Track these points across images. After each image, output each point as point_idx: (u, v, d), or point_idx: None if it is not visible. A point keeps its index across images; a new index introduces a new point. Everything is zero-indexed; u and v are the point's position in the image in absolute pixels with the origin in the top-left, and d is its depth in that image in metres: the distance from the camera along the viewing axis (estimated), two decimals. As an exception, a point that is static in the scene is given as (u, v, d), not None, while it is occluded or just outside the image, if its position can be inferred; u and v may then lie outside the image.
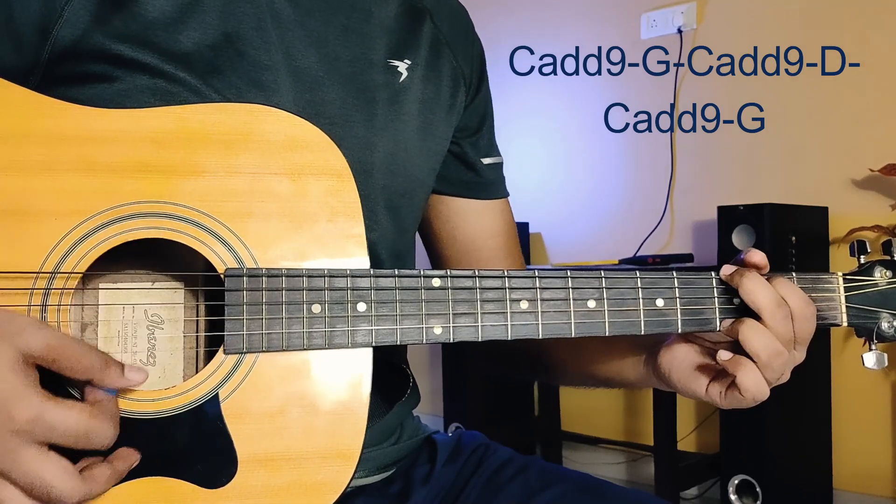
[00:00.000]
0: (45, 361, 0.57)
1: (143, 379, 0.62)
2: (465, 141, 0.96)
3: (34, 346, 0.56)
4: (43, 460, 0.55)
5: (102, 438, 0.58)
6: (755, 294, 0.71)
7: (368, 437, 0.70)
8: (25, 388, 0.55)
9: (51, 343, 0.57)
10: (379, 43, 0.85)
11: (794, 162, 2.62)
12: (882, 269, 0.78)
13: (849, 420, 2.47)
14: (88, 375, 0.59)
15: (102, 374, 0.59)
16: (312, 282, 0.67)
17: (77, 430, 0.56)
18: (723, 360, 0.73)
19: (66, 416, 0.56)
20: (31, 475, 0.55)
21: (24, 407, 0.55)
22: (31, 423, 0.55)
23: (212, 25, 0.75)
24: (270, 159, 0.68)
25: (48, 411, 0.55)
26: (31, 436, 0.55)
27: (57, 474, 0.56)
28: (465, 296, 0.70)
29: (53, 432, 0.56)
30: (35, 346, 0.56)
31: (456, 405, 3.03)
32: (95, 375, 0.59)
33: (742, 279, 0.72)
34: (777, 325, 0.71)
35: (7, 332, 0.56)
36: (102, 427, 0.58)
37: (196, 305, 0.72)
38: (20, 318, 0.58)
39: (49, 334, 0.57)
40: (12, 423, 0.54)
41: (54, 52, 0.70)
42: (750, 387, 0.71)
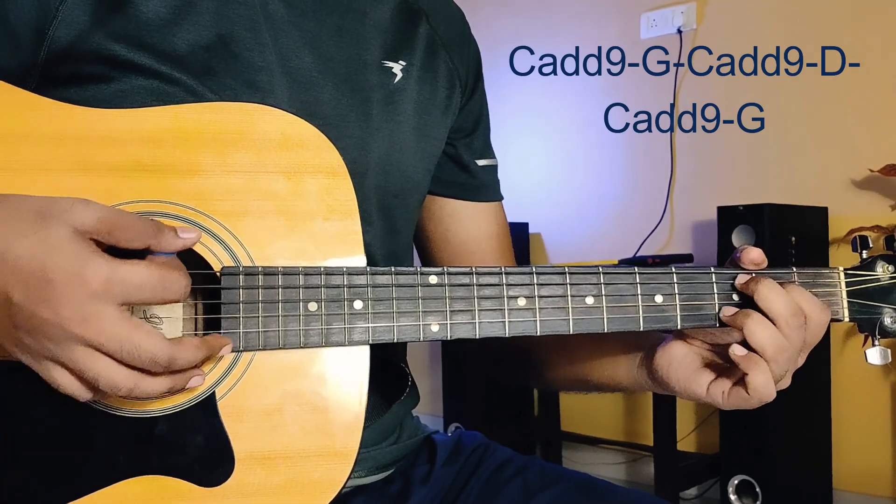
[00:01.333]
0: (100, 234, 0.57)
1: (196, 237, 0.62)
2: (459, 142, 0.96)
3: (87, 221, 0.56)
4: (127, 321, 0.56)
5: (177, 287, 0.58)
6: (771, 301, 0.70)
7: (367, 437, 0.70)
8: (91, 253, 0.55)
9: (102, 216, 0.57)
10: (373, 44, 0.85)
11: (794, 162, 2.62)
12: (884, 264, 0.77)
13: (849, 420, 2.46)
14: (145, 241, 0.59)
15: (158, 238, 0.60)
16: (309, 279, 0.67)
17: (152, 282, 0.56)
18: (737, 355, 0.71)
19: (138, 270, 0.56)
20: (118, 336, 0.55)
21: (94, 270, 0.55)
22: (106, 283, 0.55)
23: (206, 27, 0.75)
24: (266, 158, 0.68)
25: (119, 269, 0.55)
26: (110, 296, 0.55)
27: (145, 333, 0.56)
28: (463, 293, 0.69)
29: (129, 287, 0.56)
30: (88, 220, 0.56)
31: (456, 405, 3.03)
32: (152, 240, 0.59)
33: (758, 286, 0.71)
34: (792, 333, 0.70)
35: (57, 212, 0.56)
36: (174, 276, 0.58)
37: (194, 304, 0.72)
38: (66, 199, 0.57)
39: (98, 207, 0.58)
40: (88, 287, 0.54)
41: (51, 53, 0.70)
42: (759, 386, 0.70)
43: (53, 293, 0.54)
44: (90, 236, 0.57)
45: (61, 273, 0.54)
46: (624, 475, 2.99)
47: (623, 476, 2.99)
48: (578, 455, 3.08)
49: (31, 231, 0.55)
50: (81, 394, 0.58)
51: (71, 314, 0.55)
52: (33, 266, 0.54)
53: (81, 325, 0.55)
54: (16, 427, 0.63)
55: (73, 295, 0.54)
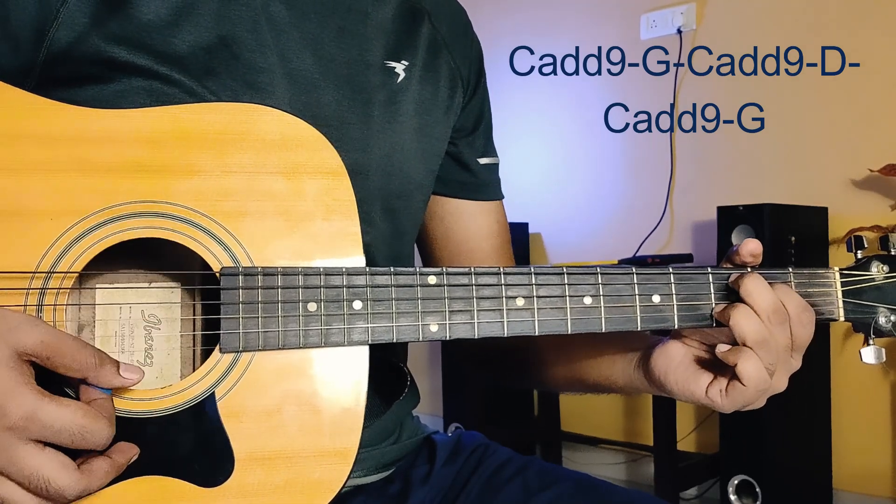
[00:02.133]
0: (40, 359, 0.57)
1: (138, 378, 0.62)
2: (461, 141, 0.96)
3: (29, 343, 0.56)
4: (39, 456, 0.56)
5: (98, 437, 0.58)
6: (754, 295, 0.71)
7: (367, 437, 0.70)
8: (20, 384, 0.55)
9: (45, 340, 0.57)
10: (376, 44, 0.85)
11: (793, 162, 2.62)
12: (879, 264, 0.78)
13: (849, 420, 2.46)
14: (84, 373, 0.59)
15: (98, 372, 0.59)
16: (308, 280, 0.67)
17: (72, 429, 0.56)
18: (721, 351, 0.72)
19: (60, 413, 0.56)
20: (28, 470, 0.55)
21: (18, 403, 0.55)
22: (25, 419, 0.55)
23: (206, 28, 0.75)
24: (265, 158, 0.68)
25: (43, 408, 0.55)
26: (27, 432, 0.55)
27: (54, 468, 0.56)
28: (462, 293, 0.69)
29: (48, 430, 0.56)
30: (30, 342, 0.56)
31: (455, 405, 3.03)
32: (90, 373, 0.59)
33: (742, 280, 0.72)
34: (774, 329, 0.71)
35: (1, 329, 0.56)
36: (98, 426, 0.58)
37: (193, 305, 0.72)
38: (15, 316, 0.58)
39: (44, 331, 0.57)
40: (7, 419, 0.54)
41: (50, 54, 0.70)
42: (751, 373, 0.70)
43: None
44: (28, 358, 0.57)
45: None
46: (624, 475, 2.99)
47: (623, 476, 2.99)
48: (578, 455, 3.08)
49: None
50: None
51: None
52: None
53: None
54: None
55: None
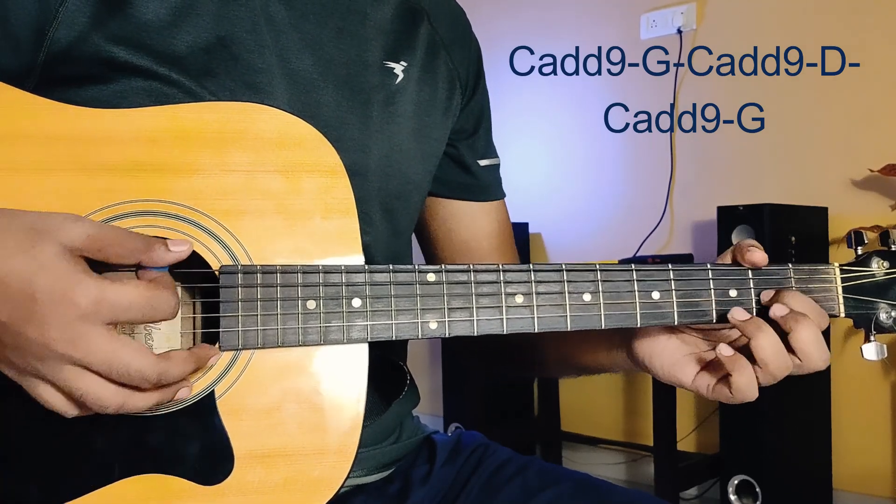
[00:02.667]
0: (91, 252, 0.57)
1: (187, 249, 0.62)
2: (461, 143, 0.96)
3: (76, 238, 0.56)
4: (115, 339, 0.56)
5: (166, 307, 0.58)
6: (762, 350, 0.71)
7: (367, 436, 0.70)
8: (81, 273, 0.55)
9: (91, 233, 0.57)
10: (374, 45, 0.85)
11: (794, 162, 2.62)
12: (879, 260, 0.78)
13: (849, 420, 2.46)
14: (136, 258, 0.59)
15: (149, 253, 0.59)
16: (307, 278, 0.67)
17: (140, 302, 0.57)
18: (724, 355, 0.71)
19: (126, 290, 0.56)
20: (107, 355, 0.55)
21: (84, 290, 0.55)
22: (95, 304, 0.55)
23: (206, 28, 0.75)
24: (264, 157, 0.68)
25: (108, 290, 0.56)
26: (99, 317, 0.55)
27: (133, 351, 0.56)
28: (461, 290, 0.69)
29: (119, 309, 0.56)
30: (77, 237, 0.56)
31: (456, 405, 3.03)
32: (142, 256, 0.59)
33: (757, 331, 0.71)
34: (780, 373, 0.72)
35: (47, 229, 0.56)
36: (163, 296, 0.58)
37: (192, 303, 0.72)
38: (58, 215, 0.57)
39: (88, 224, 0.58)
40: (77, 308, 0.54)
41: (50, 54, 0.70)
42: (743, 388, 0.71)
43: (41, 313, 0.54)
44: (80, 253, 0.57)
45: (49, 293, 0.54)
46: (624, 475, 2.99)
47: (623, 476, 2.99)
48: (578, 455, 3.08)
49: (19, 249, 0.55)
50: (68, 410, 0.58)
51: (59, 335, 0.55)
52: (21, 285, 0.54)
53: (69, 345, 0.55)
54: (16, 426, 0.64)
55: (61, 316, 0.54)
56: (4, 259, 0.55)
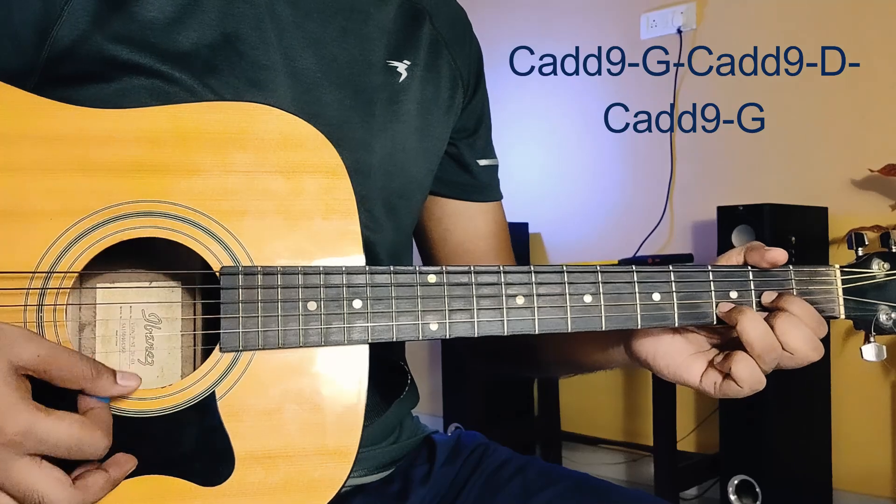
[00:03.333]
0: (37, 372, 0.57)
1: (136, 385, 0.62)
2: (461, 142, 0.96)
3: (25, 358, 0.57)
4: (35, 471, 0.56)
5: (94, 449, 0.58)
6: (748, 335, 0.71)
7: (367, 436, 0.70)
8: (16, 400, 0.55)
9: (41, 354, 0.57)
10: (378, 44, 0.85)
11: (794, 162, 2.62)
12: (880, 262, 0.78)
13: (849, 420, 2.46)
14: (80, 384, 0.59)
15: (94, 382, 0.59)
16: (308, 279, 0.67)
17: (69, 442, 0.56)
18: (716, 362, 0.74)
19: (56, 427, 0.56)
20: (23, 486, 0.55)
21: (14, 420, 0.55)
22: (21, 435, 0.55)
23: (211, 25, 0.75)
24: (265, 157, 0.68)
25: (38, 423, 0.55)
26: (23, 448, 0.55)
27: (50, 484, 0.56)
28: (461, 291, 0.69)
29: (44, 444, 0.56)
30: (25, 357, 0.57)
31: (455, 405, 3.03)
32: (87, 384, 0.59)
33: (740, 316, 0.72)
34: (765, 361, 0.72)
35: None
36: (93, 437, 0.58)
37: (193, 304, 0.72)
38: (10, 330, 0.58)
39: (39, 345, 0.58)
40: (3, 435, 0.55)
41: (53, 53, 0.70)
42: (746, 377, 0.71)
43: None
44: (26, 372, 0.57)
45: None
46: (624, 475, 2.99)
47: (623, 476, 2.99)
48: (578, 455, 3.08)
49: None
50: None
51: None
52: None
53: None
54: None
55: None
56: None
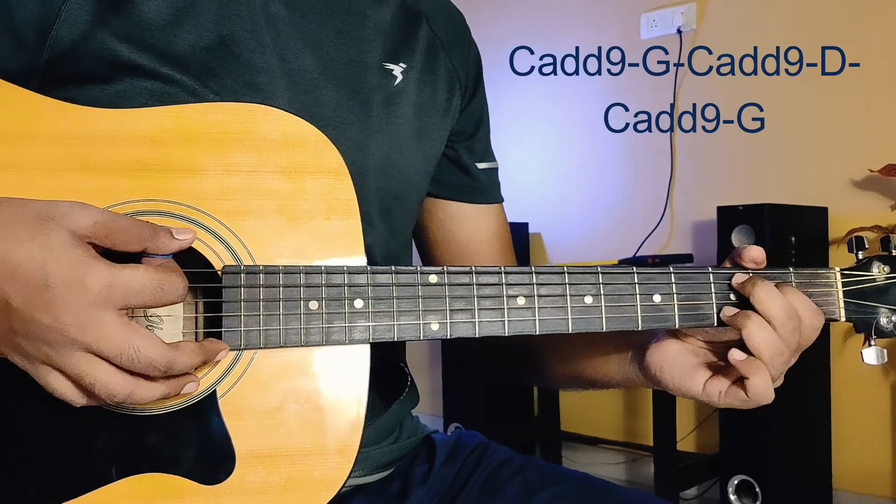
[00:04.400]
0: (98, 238, 0.58)
1: (192, 237, 0.63)
2: (460, 145, 0.96)
3: (84, 225, 0.57)
4: (127, 325, 0.57)
5: (176, 289, 0.59)
6: (767, 303, 0.71)
7: (367, 436, 0.70)
8: (92, 258, 0.56)
9: (98, 220, 0.58)
10: (373, 46, 0.85)
11: (794, 162, 2.62)
12: (880, 265, 0.78)
13: (849, 420, 2.47)
14: (141, 244, 0.60)
15: (155, 240, 0.61)
16: (310, 278, 0.67)
17: (151, 285, 0.57)
18: (736, 359, 0.71)
19: (136, 274, 0.57)
20: (117, 341, 0.56)
21: (96, 275, 0.56)
22: (107, 288, 0.56)
23: (207, 28, 0.75)
24: (267, 158, 0.68)
25: (119, 274, 0.56)
26: (110, 301, 0.56)
27: (143, 337, 0.57)
28: (462, 292, 0.70)
29: (130, 292, 0.57)
30: (84, 223, 0.57)
31: (455, 405, 3.03)
32: (148, 243, 0.60)
33: (754, 288, 0.72)
34: (787, 336, 0.71)
35: (55, 216, 0.57)
36: (172, 279, 0.59)
37: (195, 303, 0.72)
38: (63, 203, 0.58)
39: (95, 212, 0.58)
40: (89, 293, 0.55)
41: (53, 53, 0.71)
42: (760, 389, 0.70)
43: (53, 299, 0.55)
44: (87, 240, 0.57)
45: (61, 278, 0.55)
46: (624, 475, 3.00)
47: (623, 476, 2.99)
48: (578, 455, 3.09)
49: (29, 236, 0.55)
50: (76, 399, 0.58)
51: (71, 320, 0.55)
52: (33, 272, 0.55)
53: (81, 330, 0.55)
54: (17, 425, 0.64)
55: (74, 301, 0.55)
56: (15, 246, 0.55)
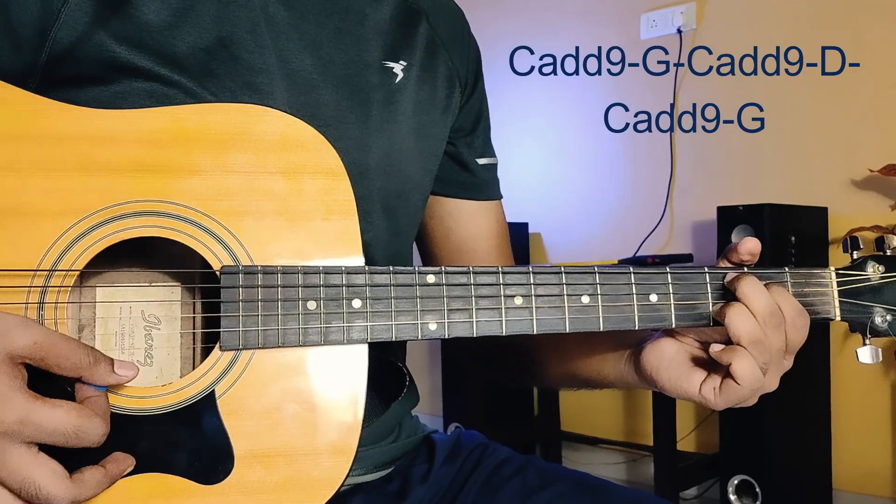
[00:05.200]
0: (34, 360, 0.57)
1: (133, 374, 0.62)
2: (460, 141, 0.96)
3: (20, 346, 0.56)
4: (31, 461, 0.56)
5: (92, 436, 0.58)
6: (751, 298, 0.71)
7: (366, 436, 0.70)
8: (12, 389, 0.55)
9: (38, 341, 0.57)
10: (373, 45, 0.86)
11: (793, 162, 2.62)
12: (874, 264, 0.78)
13: (849, 420, 2.47)
14: (78, 373, 0.59)
15: (92, 370, 0.59)
16: (308, 278, 0.67)
17: (66, 429, 0.56)
18: (715, 351, 0.71)
19: (53, 414, 0.56)
20: (20, 476, 0.55)
21: (10, 407, 0.55)
22: (18, 423, 0.55)
23: (206, 29, 0.75)
24: (266, 158, 0.68)
25: (35, 411, 0.55)
26: (20, 436, 0.55)
27: (46, 475, 0.56)
28: (460, 292, 0.70)
29: (41, 431, 0.56)
30: (21, 344, 0.56)
31: (455, 405, 3.03)
32: (84, 372, 0.59)
33: (740, 283, 0.72)
34: (769, 331, 0.71)
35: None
36: (91, 424, 0.58)
37: (193, 303, 0.72)
38: (7, 318, 0.58)
39: (36, 332, 0.57)
40: (1, 424, 0.55)
41: (52, 54, 0.71)
42: (745, 372, 0.70)
43: None
44: (22, 360, 0.57)
45: None
46: (624, 475, 3.00)
47: (623, 476, 2.99)
48: (578, 455, 3.09)
49: None
50: None
51: None
52: None
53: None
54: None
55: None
56: None
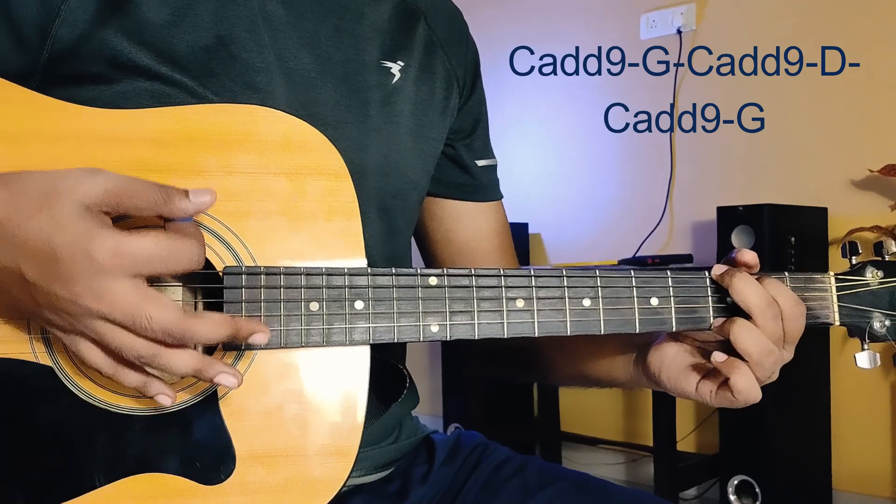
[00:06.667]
0: (110, 206, 0.57)
1: (211, 199, 0.60)
2: (459, 143, 0.96)
3: (93, 194, 0.56)
4: (139, 293, 0.56)
5: (188, 256, 0.58)
6: (745, 294, 0.72)
7: (367, 436, 0.70)
8: (97, 228, 0.55)
9: (109, 187, 0.57)
10: (371, 44, 0.86)
11: (793, 162, 2.62)
12: (873, 270, 0.79)
13: (848, 420, 2.47)
14: (156, 210, 0.58)
15: (169, 205, 0.58)
16: (310, 280, 0.67)
17: (161, 252, 0.56)
18: (717, 361, 0.73)
19: (142, 242, 0.56)
20: (129, 308, 0.55)
21: (99, 243, 0.55)
22: (113, 257, 0.55)
23: (205, 28, 0.75)
24: (269, 159, 0.68)
25: (124, 242, 0.55)
26: (120, 269, 0.55)
27: (157, 306, 0.56)
28: (462, 294, 0.70)
29: (139, 260, 0.56)
30: (94, 193, 0.56)
31: (455, 406, 3.03)
32: (163, 209, 0.58)
33: (732, 279, 0.73)
34: (767, 324, 0.72)
35: (62, 188, 0.56)
36: (184, 244, 0.57)
37: (195, 303, 0.72)
38: (73, 172, 0.57)
39: (105, 178, 0.57)
40: (95, 262, 0.55)
41: (54, 53, 0.71)
42: (743, 388, 0.72)
43: (64, 271, 0.55)
44: (98, 209, 0.57)
45: (68, 251, 0.55)
46: (624, 475, 3.00)
47: (623, 476, 2.99)
48: (578, 455, 3.09)
49: (37, 210, 0.55)
50: (106, 367, 0.58)
51: (83, 290, 0.55)
52: (42, 245, 0.55)
53: (95, 299, 0.55)
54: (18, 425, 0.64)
55: (82, 271, 0.55)
56: (24, 220, 0.55)
